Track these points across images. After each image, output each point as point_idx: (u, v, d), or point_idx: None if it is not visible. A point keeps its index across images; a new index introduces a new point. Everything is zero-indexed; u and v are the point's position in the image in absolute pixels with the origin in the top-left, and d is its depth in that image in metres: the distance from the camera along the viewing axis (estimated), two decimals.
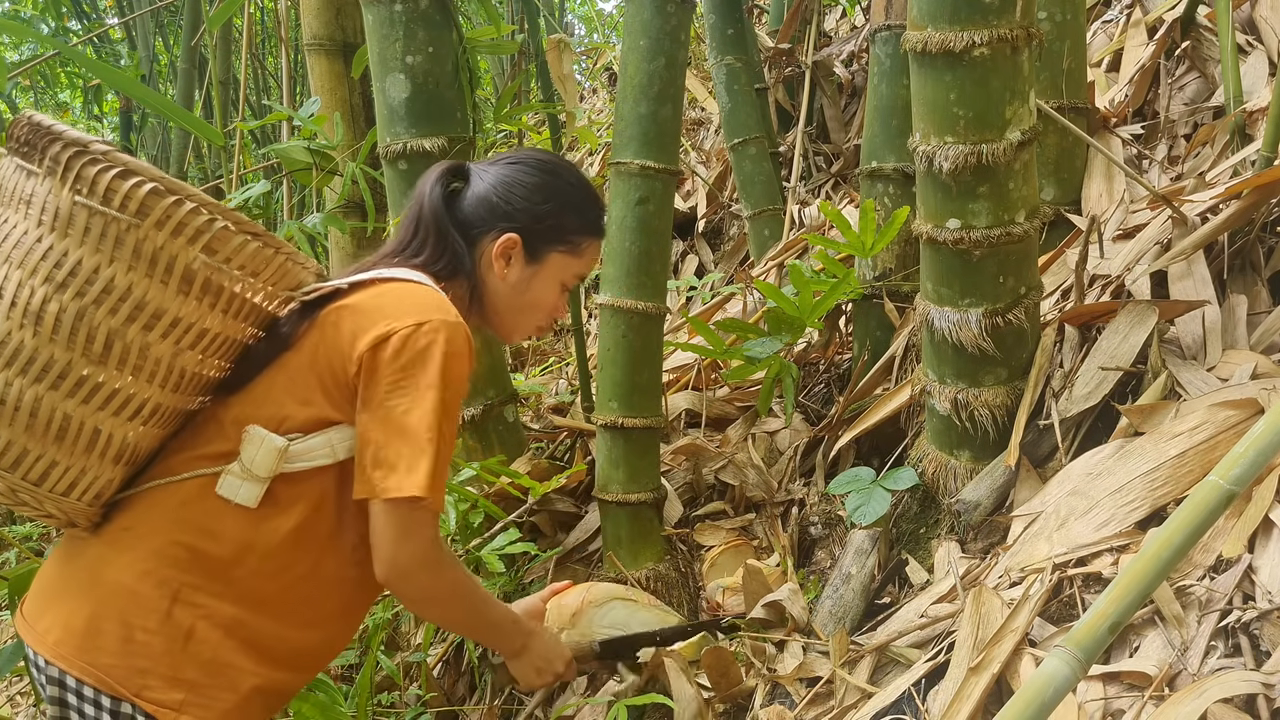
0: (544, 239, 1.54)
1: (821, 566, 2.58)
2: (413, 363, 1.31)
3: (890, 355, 2.78)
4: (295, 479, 1.35)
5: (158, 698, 1.29)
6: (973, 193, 2.10)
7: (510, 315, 1.58)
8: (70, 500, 1.31)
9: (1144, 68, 3.30)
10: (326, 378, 1.36)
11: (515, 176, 1.53)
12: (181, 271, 1.27)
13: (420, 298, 1.39)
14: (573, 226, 1.56)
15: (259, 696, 1.37)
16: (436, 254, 1.50)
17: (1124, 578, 1.29)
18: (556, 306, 1.62)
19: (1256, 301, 2.23)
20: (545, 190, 1.53)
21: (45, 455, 1.26)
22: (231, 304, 1.34)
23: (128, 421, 1.30)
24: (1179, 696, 1.47)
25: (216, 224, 1.28)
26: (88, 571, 1.34)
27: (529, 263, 1.54)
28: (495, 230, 1.51)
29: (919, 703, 1.80)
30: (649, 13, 2.53)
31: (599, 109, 7.24)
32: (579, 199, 1.57)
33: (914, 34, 2.08)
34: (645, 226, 2.57)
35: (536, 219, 1.52)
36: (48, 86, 7.81)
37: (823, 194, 4.47)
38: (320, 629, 1.44)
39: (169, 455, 1.40)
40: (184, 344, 1.31)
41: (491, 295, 1.54)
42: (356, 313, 1.37)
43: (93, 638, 1.30)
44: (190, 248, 1.27)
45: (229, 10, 2.92)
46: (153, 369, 1.29)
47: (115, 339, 1.25)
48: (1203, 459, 1.84)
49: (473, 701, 2.74)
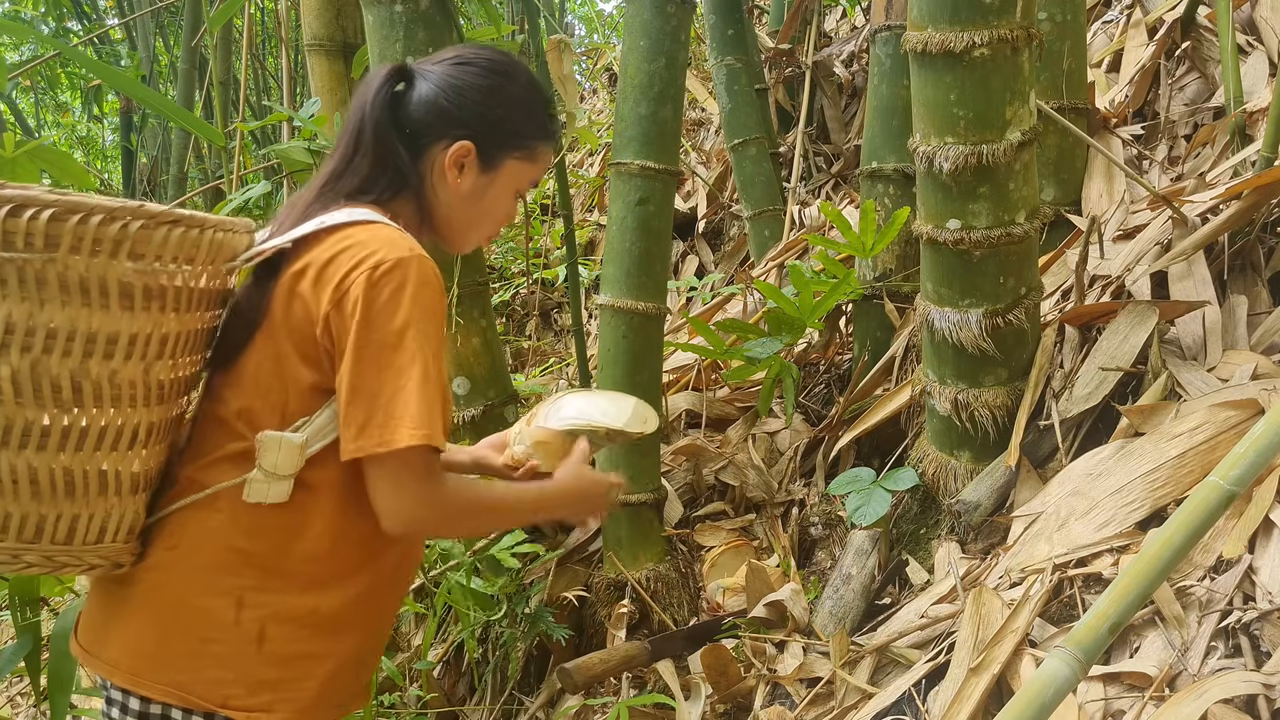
0: (499, 145, 1.44)
1: (822, 567, 2.58)
2: (377, 311, 1.25)
3: (890, 356, 2.78)
4: (317, 460, 1.32)
5: (244, 703, 1.29)
6: (973, 193, 2.10)
7: (463, 226, 1.49)
8: (106, 546, 1.27)
9: (1144, 68, 3.30)
10: (304, 346, 1.31)
11: (466, 79, 1.43)
12: (117, 289, 1.18)
13: (372, 240, 1.31)
14: (528, 131, 1.47)
15: (343, 672, 1.38)
16: (375, 175, 1.41)
17: (1124, 578, 1.29)
18: (509, 214, 1.54)
19: (1257, 302, 2.23)
20: (499, 94, 1.43)
21: (64, 514, 1.22)
22: (180, 300, 1.26)
23: (128, 452, 1.25)
24: (1179, 697, 1.47)
25: (131, 227, 1.18)
26: (144, 597, 1.33)
27: (483, 171, 1.44)
28: (446, 138, 1.41)
29: (919, 703, 1.80)
30: (649, 13, 2.54)
31: (599, 109, 7.24)
32: (532, 102, 1.47)
33: (914, 34, 2.08)
34: (645, 227, 2.57)
35: (491, 125, 1.43)
36: (48, 87, 7.82)
37: (823, 194, 4.47)
38: (385, 581, 1.43)
39: (185, 465, 1.37)
40: (150, 358, 1.24)
41: (443, 207, 1.45)
42: (313, 272, 1.31)
43: (167, 658, 1.30)
44: (115, 261, 1.17)
45: (229, 11, 2.92)
46: (130, 393, 1.23)
47: (81, 379, 1.18)
48: (1203, 459, 1.84)
49: (473, 702, 2.74)
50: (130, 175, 6.59)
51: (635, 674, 2.42)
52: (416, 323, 1.27)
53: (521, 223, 4.88)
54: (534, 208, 5.47)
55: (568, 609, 2.69)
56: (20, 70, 3.63)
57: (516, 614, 2.58)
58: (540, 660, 2.76)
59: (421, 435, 1.25)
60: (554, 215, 5.54)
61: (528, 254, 5.11)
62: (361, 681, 1.46)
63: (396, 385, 1.25)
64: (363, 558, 1.37)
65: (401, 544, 1.42)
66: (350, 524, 1.35)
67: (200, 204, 5.40)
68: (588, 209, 6.05)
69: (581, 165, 6.48)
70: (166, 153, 6.55)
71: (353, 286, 1.26)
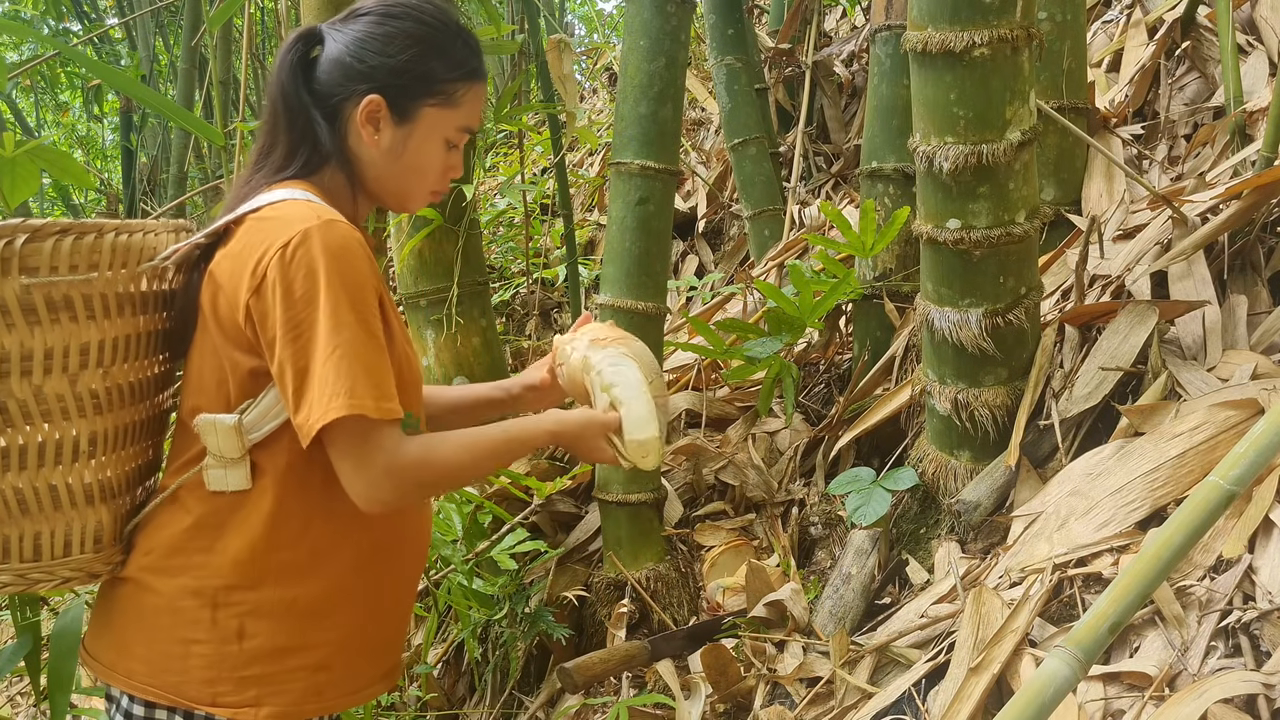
0: (409, 94, 1.36)
1: (822, 567, 2.58)
2: (295, 288, 1.22)
3: (890, 355, 2.78)
4: (271, 443, 1.30)
5: (232, 701, 1.30)
6: (973, 193, 2.10)
7: (395, 184, 1.42)
8: (75, 558, 1.28)
9: (1144, 68, 3.31)
10: (234, 334, 1.29)
11: (366, 30, 1.36)
12: (17, 305, 1.17)
13: (282, 219, 1.27)
14: (440, 74, 1.37)
15: (339, 661, 1.36)
16: (296, 147, 1.37)
17: (1124, 578, 1.29)
18: (448, 166, 1.44)
19: (1257, 302, 2.23)
20: (400, 39, 1.35)
21: (25, 532, 1.24)
22: (92, 308, 1.24)
23: (74, 464, 1.25)
24: (1179, 697, 1.47)
25: (18, 242, 1.16)
26: (129, 601, 1.34)
27: (399, 124, 1.36)
28: (355, 95, 1.35)
29: (919, 703, 1.80)
30: (649, 13, 2.54)
31: (599, 109, 7.24)
32: (442, 41, 1.38)
33: (914, 34, 2.08)
34: (645, 226, 2.57)
35: (396, 73, 1.35)
36: (48, 87, 7.81)
37: (823, 194, 4.47)
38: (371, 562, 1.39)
39: (165, 470, 1.39)
40: (74, 370, 1.23)
41: (368, 167, 1.38)
42: (231, 263, 1.29)
43: (157, 661, 1.31)
44: (7, 279, 1.16)
45: (229, 10, 2.92)
46: (61, 407, 1.22)
47: (5, 400, 1.19)
48: (1203, 459, 1.84)
49: (473, 702, 2.74)
50: (130, 175, 6.59)
51: (635, 674, 2.42)
52: (336, 292, 1.23)
53: (521, 223, 4.88)
54: (534, 208, 5.46)
55: (568, 609, 2.69)
56: (20, 70, 3.63)
57: (516, 614, 2.58)
58: (540, 660, 2.76)
59: (354, 405, 1.21)
60: (554, 215, 5.54)
61: (528, 254, 5.11)
62: (380, 667, 1.43)
63: (325, 357, 1.21)
64: (335, 541, 1.35)
65: (381, 523, 1.37)
66: (314, 508, 1.33)
67: (200, 203, 5.41)
68: (588, 209, 6.05)
69: (581, 165, 6.48)
70: (166, 152, 6.55)
71: (269, 270, 1.23)
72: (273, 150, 1.39)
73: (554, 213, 5.56)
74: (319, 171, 1.38)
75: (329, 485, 1.29)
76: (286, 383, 1.24)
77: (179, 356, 1.40)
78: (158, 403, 1.40)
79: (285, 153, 1.38)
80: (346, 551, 1.36)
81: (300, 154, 1.37)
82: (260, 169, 1.39)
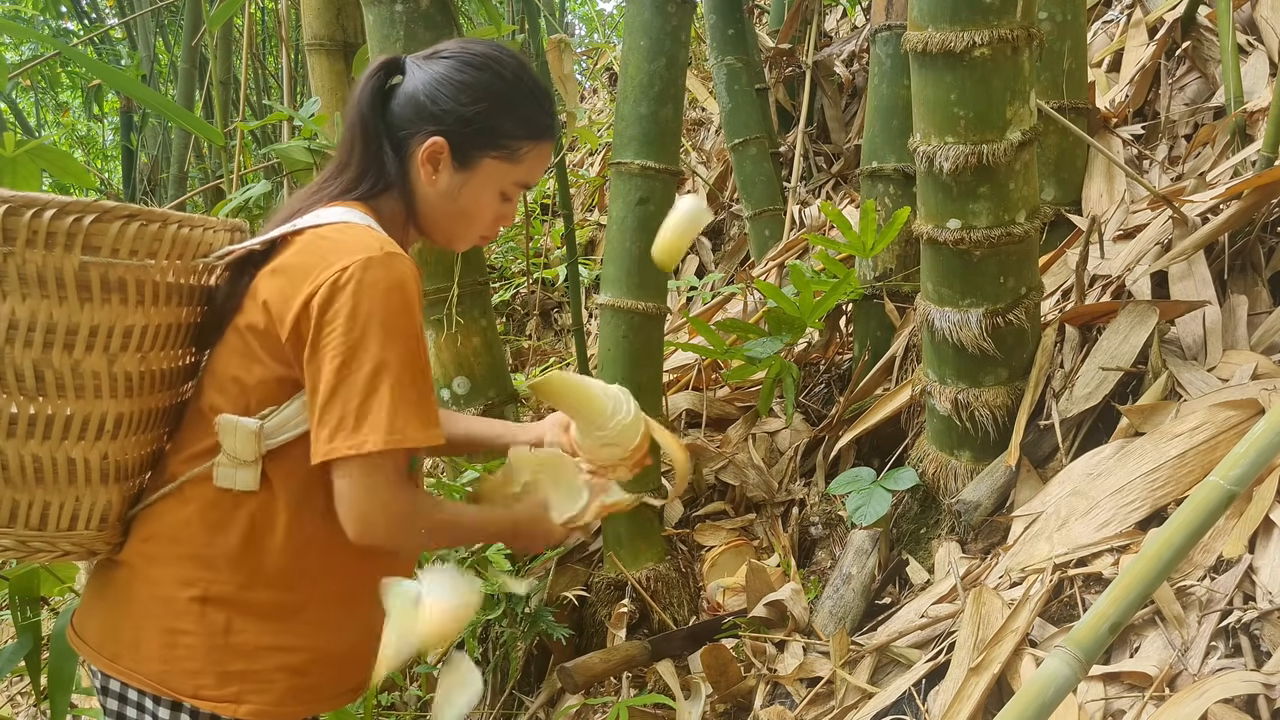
0: (473, 143, 1.40)
1: (822, 567, 2.58)
2: (346, 314, 1.24)
3: (890, 355, 2.78)
4: (284, 452, 1.33)
5: (214, 694, 1.32)
6: (973, 193, 2.10)
7: (446, 224, 1.46)
8: (79, 533, 1.30)
9: (1144, 68, 3.31)
10: (270, 344, 1.31)
11: (445, 73, 1.40)
12: (74, 281, 1.22)
13: (342, 242, 1.31)
14: (506, 130, 1.41)
15: (322, 667, 1.38)
16: (364, 171, 1.41)
17: (1124, 578, 1.29)
18: (499, 216, 1.49)
19: (1257, 302, 2.23)
20: (475, 89, 1.39)
21: (35, 500, 1.26)
22: (143, 293, 1.28)
23: (95, 442, 1.28)
24: (1179, 697, 1.48)
25: (86, 220, 1.21)
26: (123, 587, 1.36)
27: (459, 169, 1.41)
28: (422, 133, 1.39)
29: (919, 703, 1.80)
30: (649, 13, 2.53)
31: (599, 109, 7.24)
32: (516, 99, 1.42)
33: (914, 34, 2.08)
34: (645, 226, 2.57)
35: (464, 121, 1.39)
36: (48, 87, 7.82)
37: (823, 194, 4.47)
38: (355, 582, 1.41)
39: (169, 457, 1.40)
40: (114, 350, 1.26)
41: (423, 203, 1.43)
42: (284, 275, 1.31)
43: (144, 648, 1.33)
44: (70, 254, 1.21)
45: (229, 10, 2.92)
46: (95, 385, 1.26)
47: (44, 369, 1.22)
48: (1203, 459, 1.84)
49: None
50: (130, 175, 6.60)
51: (635, 674, 2.42)
52: (386, 323, 1.26)
53: (521, 222, 4.88)
54: (534, 207, 5.47)
55: (568, 609, 2.69)
56: (20, 70, 3.63)
57: (516, 614, 2.58)
58: (540, 660, 2.76)
59: (393, 440, 1.24)
60: (554, 215, 5.54)
61: (528, 254, 5.12)
62: (356, 678, 1.45)
63: (368, 389, 1.24)
64: (331, 559, 1.37)
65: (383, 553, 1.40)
66: (314, 525, 1.35)
67: (200, 203, 5.41)
68: (588, 209, 6.05)
69: (581, 165, 6.48)
70: (167, 152, 6.55)
71: (321, 289, 1.26)
72: (346, 169, 1.43)
73: (554, 212, 5.56)
74: (380, 197, 1.42)
75: (331, 501, 1.31)
76: (321, 403, 1.26)
77: (204, 350, 1.42)
78: (180, 393, 1.43)
79: (356, 174, 1.42)
80: (343, 572, 1.38)
81: (369, 178, 1.42)
82: (329, 185, 1.43)
